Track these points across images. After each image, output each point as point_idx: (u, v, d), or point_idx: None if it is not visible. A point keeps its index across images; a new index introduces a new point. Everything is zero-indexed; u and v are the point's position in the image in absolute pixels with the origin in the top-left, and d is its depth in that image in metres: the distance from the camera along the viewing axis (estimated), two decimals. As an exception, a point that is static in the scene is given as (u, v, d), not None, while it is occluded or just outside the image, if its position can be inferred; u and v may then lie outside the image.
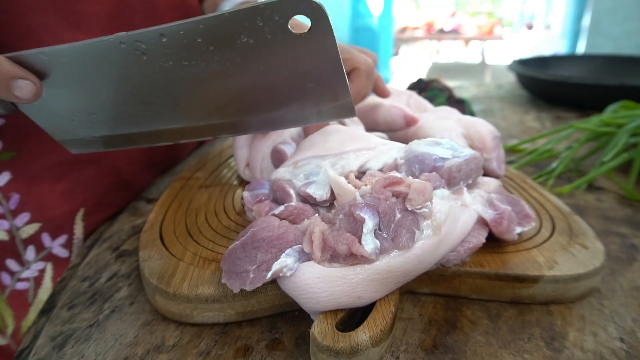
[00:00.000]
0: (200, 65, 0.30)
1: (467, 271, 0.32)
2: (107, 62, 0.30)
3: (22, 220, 0.42)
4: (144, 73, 0.31)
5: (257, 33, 0.28)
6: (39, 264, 0.43)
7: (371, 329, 0.26)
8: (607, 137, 0.56)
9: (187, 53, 0.30)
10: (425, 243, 0.29)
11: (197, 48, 0.29)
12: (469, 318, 0.31)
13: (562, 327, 0.30)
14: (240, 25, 0.28)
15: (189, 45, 0.29)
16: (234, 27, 0.28)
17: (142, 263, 0.34)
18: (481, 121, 0.46)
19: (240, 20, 0.28)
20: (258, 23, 0.28)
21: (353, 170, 0.35)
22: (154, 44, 0.29)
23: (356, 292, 0.28)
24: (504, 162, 0.46)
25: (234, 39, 0.29)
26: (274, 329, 0.30)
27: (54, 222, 0.44)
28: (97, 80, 0.32)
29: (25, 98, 0.30)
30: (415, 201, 0.29)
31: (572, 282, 0.31)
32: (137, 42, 0.29)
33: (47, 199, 0.43)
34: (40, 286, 0.43)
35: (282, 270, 0.28)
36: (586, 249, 0.34)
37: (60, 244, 0.44)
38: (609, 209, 0.46)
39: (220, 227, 0.39)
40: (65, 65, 0.31)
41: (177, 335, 0.30)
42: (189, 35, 0.29)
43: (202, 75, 0.31)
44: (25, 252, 0.42)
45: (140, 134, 0.36)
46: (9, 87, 0.29)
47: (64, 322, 0.31)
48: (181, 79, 0.31)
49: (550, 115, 0.84)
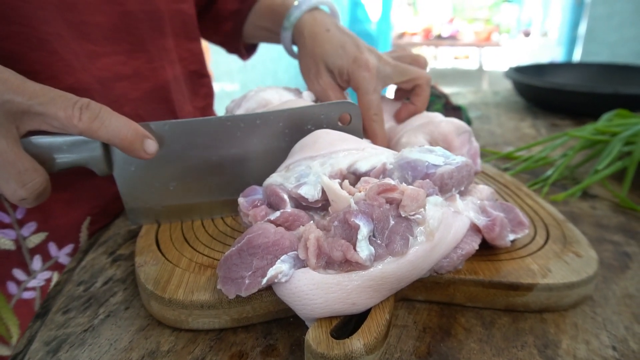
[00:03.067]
0: (274, 144, 0.40)
1: (461, 279, 0.32)
2: (209, 136, 0.39)
3: (28, 229, 0.42)
4: (231, 147, 0.39)
5: (318, 123, 0.40)
6: (45, 273, 0.43)
7: (365, 337, 0.26)
8: (601, 145, 0.56)
9: (270, 134, 0.40)
10: (419, 249, 0.29)
11: (278, 131, 0.40)
12: (463, 325, 0.31)
13: (555, 334, 0.30)
14: (310, 116, 0.40)
15: (273, 128, 0.40)
16: (306, 117, 0.40)
17: (138, 269, 0.34)
18: (441, 119, 0.45)
19: (310, 113, 0.40)
20: (320, 116, 0.40)
21: (342, 169, 0.35)
22: (250, 124, 0.39)
23: (351, 298, 0.28)
24: (478, 156, 0.46)
25: (303, 125, 0.40)
26: (269, 335, 0.30)
27: (60, 232, 0.44)
28: (192, 150, 0.39)
29: (151, 154, 0.35)
30: (408, 207, 0.29)
31: (565, 290, 0.31)
32: (240, 122, 0.39)
33: (53, 208, 0.43)
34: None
35: (277, 276, 0.28)
36: (580, 257, 0.34)
37: (67, 253, 0.44)
38: (603, 217, 0.46)
39: (216, 232, 0.39)
40: (176, 136, 0.38)
41: (172, 341, 0.30)
42: (275, 121, 0.39)
43: (272, 151, 0.40)
44: (31, 261, 0.42)
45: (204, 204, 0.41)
46: (142, 144, 0.34)
47: (58, 326, 0.31)
48: (256, 153, 0.40)
49: (546, 122, 0.85)
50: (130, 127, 0.33)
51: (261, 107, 0.48)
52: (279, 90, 0.50)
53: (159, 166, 0.39)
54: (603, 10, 3.15)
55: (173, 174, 0.40)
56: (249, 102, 0.49)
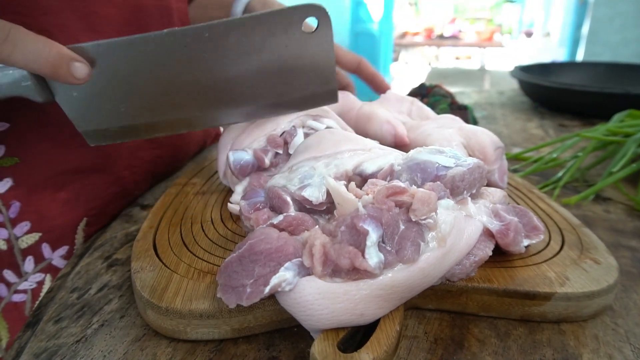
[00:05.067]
0: (229, 56, 0.36)
1: (474, 287, 0.30)
2: (152, 53, 0.35)
3: (21, 229, 0.40)
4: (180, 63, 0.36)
5: (279, 31, 0.35)
6: (37, 275, 0.41)
7: (375, 350, 0.25)
8: (613, 146, 0.54)
9: (221, 46, 0.35)
10: (431, 256, 0.28)
11: (230, 42, 0.35)
12: (477, 337, 0.29)
13: (575, 347, 0.28)
14: (268, 24, 0.35)
15: (224, 40, 0.35)
16: (263, 25, 0.35)
17: (134, 275, 0.32)
18: (483, 130, 0.44)
19: (269, 20, 0.35)
20: (281, 23, 0.35)
21: (348, 170, 0.34)
22: (197, 39, 0.35)
23: (359, 309, 0.26)
24: (506, 174, 0.45)
25: (262, 35, 0.35)
26: (272, 347, 0.29)
27: (55, 232, 0.42)
28: (136, 70, 0.35)
29: (81, 79, 0.32)
30: (419, 211, 0.27)
31: (585, 300, 0.30)
32: (184, 36, 0.34)
33: (48, 208, 0.42)
34: (37, 299, 0.41)
35: (281, 285, 0.26)
36: (598, 264, 0.32)
37: (61, 255, 0.43)
38: (618, 221, 0.45)
39: (216, 236, 0.37)
40: (114, 57, 0.34)
41: (169, 353, 0.28)
42: (226, 32, 0.35)
43: (228, 66, 0.36)
44: (23, 262, 0.41)
45: (162, 122, 0.39)
46: (69, 68, 0.31)
47: (49, 337, 0.30)
48: (210, 69, 0.36)
49: (553, 122, 0.83)
50: (52, 49, 0.30)
51: None
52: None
53: (102, 89, 0.36)
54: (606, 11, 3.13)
55: (121, 96, 0.36)
56: None
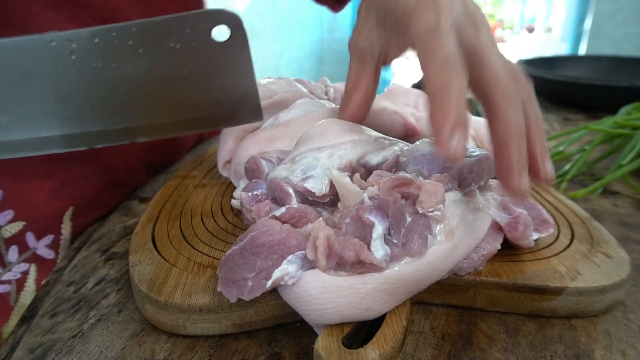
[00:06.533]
0: (128, 67, 0.32)
1: (482, 281, 0.29)
2: (31, 59, 0.31)
3: (5, 218, 0.39)
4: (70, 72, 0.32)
5: (184, 39, 0.32)
6: (21, 265, 0.40)
7: (381, 346, 0.24)
8: (621, 139, 0.53)
9: (117, 54, 0.31)
10: (439, 249, 0.27)
11: (127, 50, 0.31)
12: (485, 332, 0.28)
13: (587, 344, 0.27)
14: (170, 31, 0.31)
15: (119, 47, 0.31)
16: (164, 32, 0.31)
17: (132, 268, 0.31)
18: None
19: (170, 26, 0.31)
20: (186, 30, 0.31)
21: (352, 161, 0.33)
22: (85, 44, 0.30)
23: (364, 303, 0.25)
24: None
25: (163, 43, 0.32)
26: (274, 343, 0.28)
27: (40, 222, 0.41)
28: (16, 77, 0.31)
29: None
30: (426, 203, 0.26)
31: (597, 295, 0.29)
32: (68, 41, 0.30)
33: (33, 196, 0.41)
34: (22, 289, 0.40)
35: (284, 278, 0.25)
36: (609, 258, 0.31)
37: (46, 244, 0.42)
38: (627, 215, 0.44)
39: (216, 229, 0.36)
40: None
41: (167, 348, 0.27)
42: (120, 38, 0.31)
43: (127, 77, 0.32)
44: (7, 252, 0.40)
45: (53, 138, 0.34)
46: None
47: (44, 331, 0.29)
48: (106, 80, 0.32)
49: (558, 116, 0.82)
50: None
51: (266, 98, 0.45)
52: (288, 80, 0.48)
53: None
54: (608, 6, 3.11)
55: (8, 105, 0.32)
56: None
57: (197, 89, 0.34)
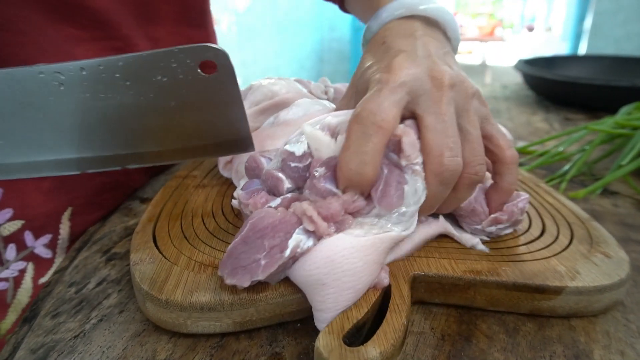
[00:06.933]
0: (116, 99, 0.33)
1: (482, 280, 0.30)
2: (22, 90, 0.32)
3: (3, 216, 0.39)
4: (59, 102, 0.32)
5: (170, 73, 0.32)
6: (19, 263, 0.41)
7: (382, 344, 0.24)
8: (621, 139, 0.54)
9: (104, 86, 0.32)
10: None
11: (114, 82, 0.32)
12: (485, 332, 0.28)
13: (586, 344, 0.27)
14: (157, 65, 0.31)
15: (106, 80, 0.32)
16: (151, 66, 0.32)
17: (133, 267, 0.31)
18: None
19: (157, 60, 0.31)
20: (172, 64, 0.31)
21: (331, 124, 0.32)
22: (73, 76, 0.31)
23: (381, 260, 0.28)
24: None
25: (150, 76, 0.32)
26: (275, 343, 0.28)
27: (38, 221, 0.41)
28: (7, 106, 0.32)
29: None
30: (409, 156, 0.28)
31: (596, 294, 0.29)
32: (57, 73, 0.31)
33: (32, 195, 0.41)
34: (19, 286, 0.41)
35: (299, 245, 0.27)
36: (609, 258, 0.32)
37: (44, 244, 0.42)
38: (627, 215, 0.44)
39: (217, 229, 0.37)
40: None
41: (169, 349, 0.27)
42: (108, 71, 0.31)
43: (116, 108, 0.33)
44: (5, 250, 0.40)
45: (45, 162, 0.35)
46: None
47: (46, 332, 0.29)
48: (95, 110, 0.33)
49: (559, 116, 0.82)
50: None
51: (267, 99, 0.45)
52: (289, 81, 0.48)
53: None
54: (608, 5, 3.11)
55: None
56: (254, 93, 0.46)
57: (186, 120, 0.34)
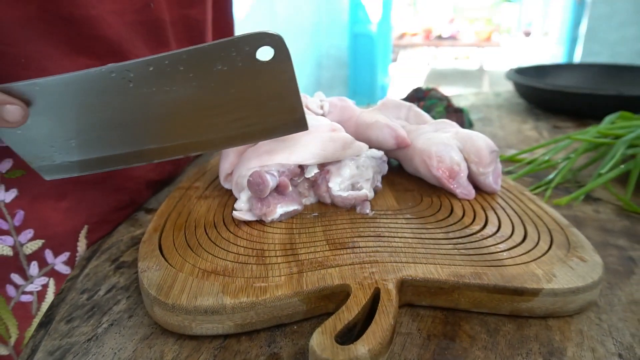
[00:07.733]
0: (180, 90, 0.34)
1: (465, 283, 0.32)
2: (94, 90, 0.34)
3: (26, 236, 0.42)
4: (127, 99, 0.35)
5: (230, 61, 0.33)
6: (41, 279, 0.43)
7: (370, 342, 0.26)
8: (604, 147, 0.56)
9: (169, 80, 0.34)
10: None
11: (178, 75, 0.34)
12: (468, 333, 0.31)
13: (560, 342, 0.30)
14: (218, 55, 0.33)
15: (171, 73, 0.33)
16: (212, 57, 0.33)
17: (141, 274, 0.34)
18: (478, 135, 0.46)
19: (218, 51, 0.33)
20: (232, 53, 0.33)
21: None
22: (141, 72, 0.33)
23: None
24: (500, 177, 0.46)
25: (211, 67, 0.33)
26: (273, 344, 0.30)
27: (57, 239, 0.44)
28: (81, 107, 0.35)
29: (14, 122, 0.32)
30: None
31: (570, 296, 0.31)
32: (127, 71, 0.33)
33: (50, 216, 0.44)
34: (43, 300, 0.43)
35: None
36: (584, 262, 0.34)
37: (63, 261, 0.45)
38: (607, 221, 0.46)
39: (219, 238, 0.39)
40: (54, 95, 0.33)
41: (175, 350, 0.30)
42: (172, 65, 0.33)
43: (180, 99, 0.35)
44: (28, 267, 0.43)
45: (115, 156, 0.38)
46: (1, 112, 0.31)
47: (62, 335, 0.31)
48: (161, 103, 0.35)
49: (548, 124, 0.84)
50: None
51: None
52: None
53: (46, 127, 0.35)
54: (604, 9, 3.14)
55: (68, 132, 0.36)
56: None
57: (245, 106, 0.37)
